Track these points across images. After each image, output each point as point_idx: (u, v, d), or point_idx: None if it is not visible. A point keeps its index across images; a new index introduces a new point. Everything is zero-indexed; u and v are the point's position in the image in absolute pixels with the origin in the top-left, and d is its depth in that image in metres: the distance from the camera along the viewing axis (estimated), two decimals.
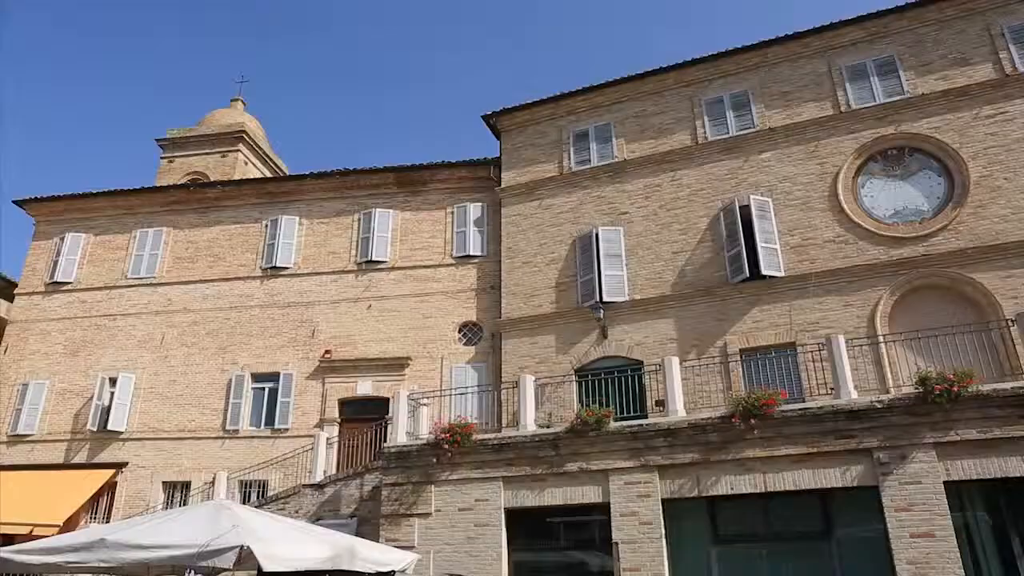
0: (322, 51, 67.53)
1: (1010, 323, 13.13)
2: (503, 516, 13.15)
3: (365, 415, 18.36)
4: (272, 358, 20.12)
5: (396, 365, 19.15)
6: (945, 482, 10.89)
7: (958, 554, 10.44)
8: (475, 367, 18.79)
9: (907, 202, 16.31)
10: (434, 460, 13.75)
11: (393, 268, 20.48)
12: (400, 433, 14.56)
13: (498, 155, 20.74)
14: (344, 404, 19.26)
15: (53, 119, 65.88)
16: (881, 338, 14.70)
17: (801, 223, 16.72)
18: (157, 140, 29.10)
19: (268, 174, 29.56)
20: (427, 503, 13.60)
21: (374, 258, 20.54)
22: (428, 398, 16.18)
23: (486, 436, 13.98)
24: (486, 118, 20.73)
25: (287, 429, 19.10)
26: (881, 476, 11.19)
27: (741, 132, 18.10)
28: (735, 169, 17.80)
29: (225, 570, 7.53)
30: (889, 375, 14.42)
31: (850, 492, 11.47)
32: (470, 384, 18.10)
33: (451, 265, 20.17)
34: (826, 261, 16.17)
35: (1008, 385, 11.33)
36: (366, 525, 14.33)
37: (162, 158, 28.91)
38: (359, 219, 21.25)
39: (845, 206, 16.48)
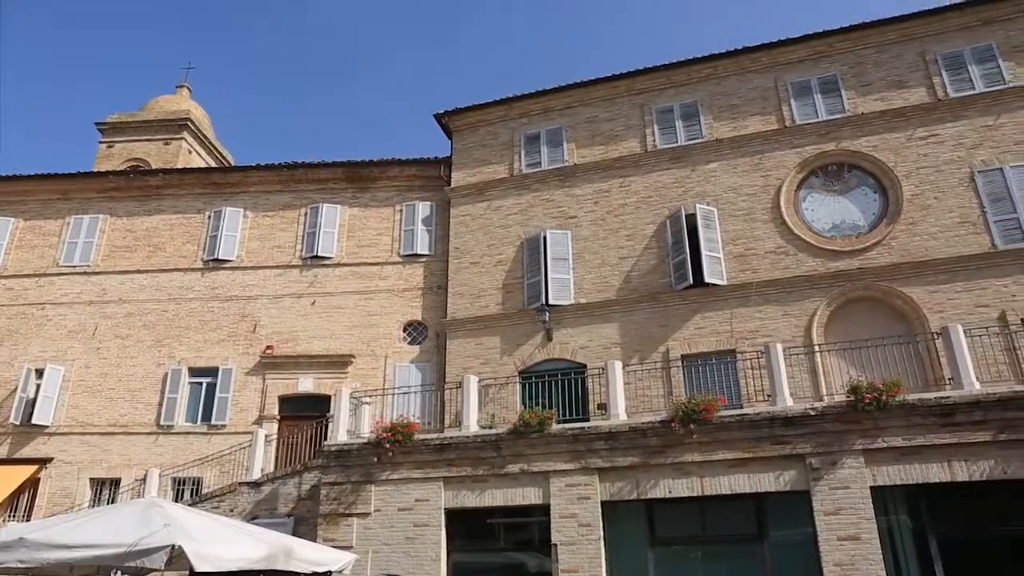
0: (274, 42, 66.31)
1: (935, 336, 13.69)
2: (443, 516, 13.11)
3: (306, 413, 18.07)
4: (211, 352, 19.62)
5: (339, 363, 18.91)
6: (872, 487, 11.33)
7: (881, 556, 10.88)
8: (419, 366, 18.69)
9: (845, 217, 16.86)
10: (375, 459, 13.63)
11: (339, 264, 20.21)
12: (341, 431, 14.38)
13: (449, 154, 20.68)
14: (284, 401, 18.92)
15: None
16: (817, 347, 15.16)
17: (744, 233, 17.13)
18: (97, 124, 28.10)
19: (213, 164, 28.85)
20: (366, 503, 13.46)
21: (320, 254, 20.24)
22: (371, 396, 16.01)
23: (428, 436, 13.91)
24: (438, 117, 20.65)
25: (224, 425, 18.66)
26: (812, 481, 11.55)
27: (689, 142, 18.45)
28: (682, 178, 18.13)
29: (155, 570, 7.32)
30: (823, 383, 14.87)
31: (783, 496, 11.81)
32: (414, 383, 18.00)
33: (398, 263, 20.01)
34: (767, 271, 16.59)
35: (932, 395, 11.83)
36: (304, 524, 14.11)
37: (101, 143, 27.93)
38: (306, 213, 20.91)
39: (787, 218, 16.94)
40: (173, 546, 6.62)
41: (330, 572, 9.03)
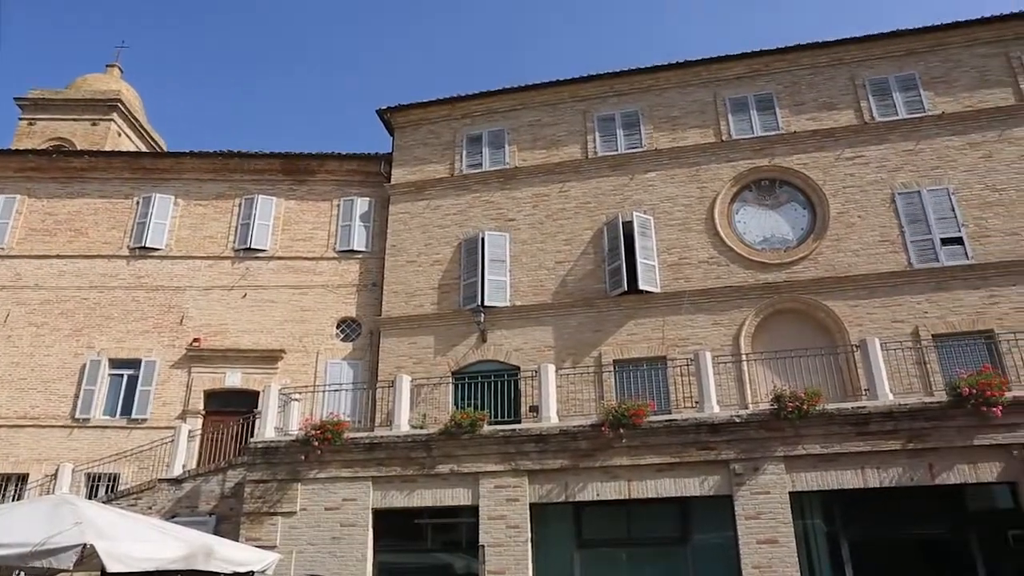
0: (213, 27, 64.38)
1: (854, 348, 14.27)
2: (371, 516, 12.97)
3: (232, 408, 17.58)
4: (134, 343, 18.91)
5: (269, 358, 18.49)
6: (791, 492, 11.75)
7: (796, 559, 11.28)
8: (351, 364, 18.44)
9: (775, 231, 17.42)
10: (302, 457, 13.38)
11: (273, 258, 19.77)
12: (268, 428, 14.07)
13: (390, 151, 20.49)
14: (210, 396, 18.37)
15: None
16: (744, 356, 15.62)
17: (679, 243, 17.51)
18: (16, 99, 26.72)
19: (144, 149, 27.81)
20: (292, 501, 13.20)
21: (253, 246, 19.75)
22: (300, 393, 15.72)
23: (358, 435, 13.74)
24: (381, 113, 20.44)
25: (145, 420, 18.00)
26: (735, 486, 11.89)
27: (629, 150, 18.76)
28: (621, 186, 18.42)
29: (64, 571, 7.00)
30: (749, 391, 15.31)
31: (707, 500, 12.12)
32: (345, 381, 17.75)
33: (334, 259, 19.70)
34: (699, 280, 17.00)
35: (849, 405, 12.35)
36: (226, 523, 13.72)
37: (22, 119, 26.58)
38: (240, 204, 20.38)
39: (720, 230, 17.39)
40: (84, 545, 6.33)
41: (252, 572, 8.82)
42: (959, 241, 16.15)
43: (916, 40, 18.23)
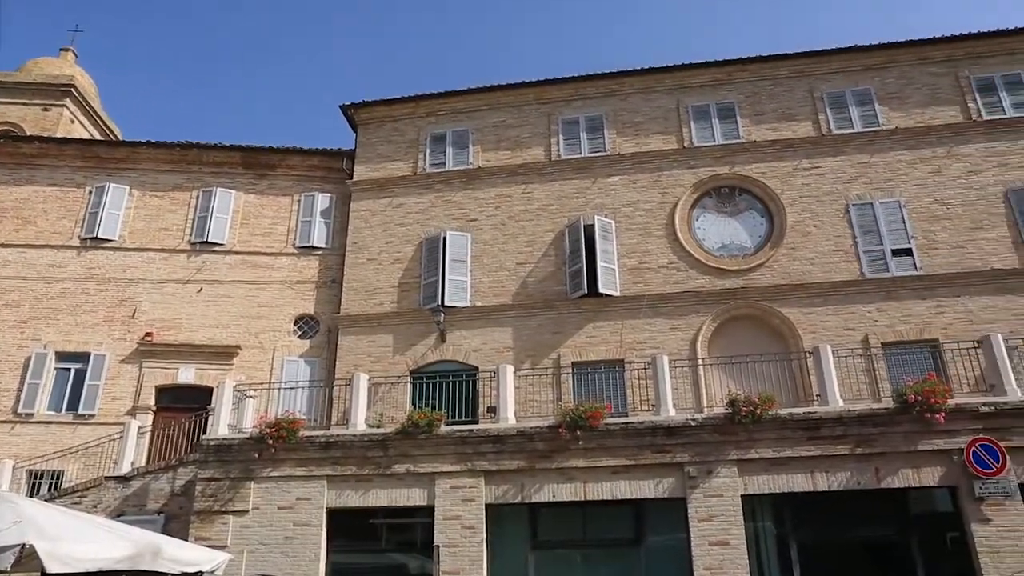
0: (175, 16, 62.99)
1: (807, 355, 14.59)
2: (325, 516, 12.84)
3: (185, 404, 17.23)
4: (83, 337, 18.40)
5: (224, 353, 18.16)
6: (742, 495, 11.96)
7: (747, 560, 11.50)
8: (308, 362, 18.22)
9: (734, 237, 17.71)
10: (256, 455, 13.17)
11: (230, 252, 19.42)
12: (222, 425, 13.83)
13: (353, 147, 20.30)
14: (162, 391, 17.97)
15: None
16: (700, 361, 15.84)
17: (639, 247, 17.68)
18: None
19: (98, 136, 27.04)
20: (245, 500, 12.99)
21: (211, 239, 19.38)
22: (255, 390, 15.49)
23: (314, 433, 13.59)
24: (344, 108, 20.25)
25: (93, 415, 17.51)
26: (689, 489, 12.07)
27: (593, 154, 18.89)
28: (584, 189, 18.54)
29: (1, 571, 6.76)
30: (705, 395, 15.52)
31: (661, 503, 12.27)
32: (302, 379, 17.54)
33: (293, 255, 19.44)
34: (659, 285, 17.19)
35: (801, 410, 12.64)
36: (175, 522, 13.44)
37: None
38: (198, 196, 19.98)
39: (680, 235, 17.62)
40: (23, 545, 6.11)
41: (201, 572, 8.64)
42: (908, 252, 16.62)
43: (872, 56, 18.73)
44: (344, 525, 12.87)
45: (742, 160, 18.24)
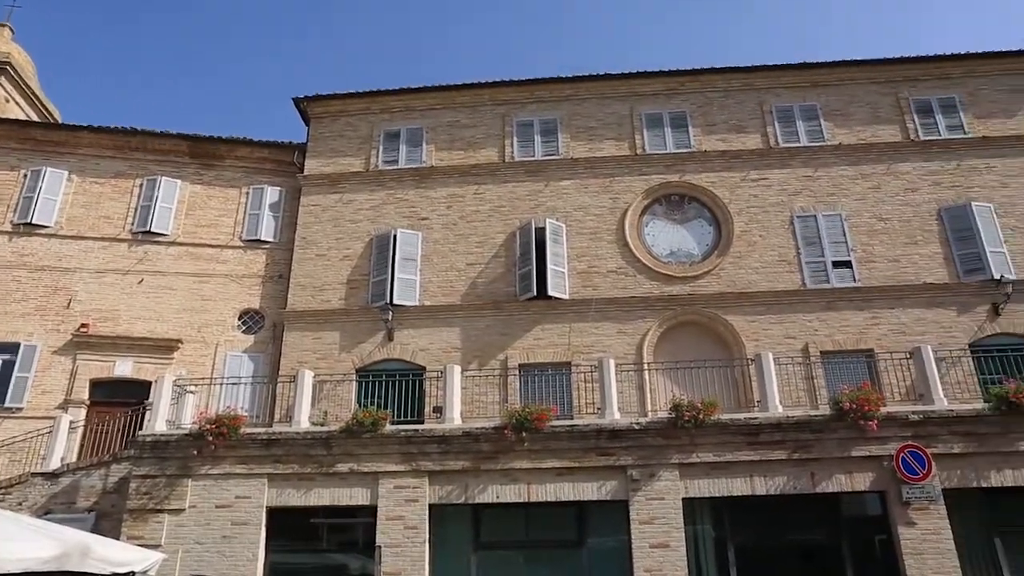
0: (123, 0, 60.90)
1: (749, 362, 14.93)
2: (265, 515, 12.63)
3: (121, 399, 16.68)
4: (12, 326, 17.66)
5: (164, 347, 17.65)
6: (683, 498, 12.21)
7: (686, 562, 11.75)
8: (252, 357, 17.86)
9: (682, 245, 18.02)
10: (195, 452, 12.88)
11: (174, 243, 18.89)
12: (160, 421, 13.46)
13: (305, 141, 20.00)
14: (97, 385, 17.36)
15: None
16: (646, 365, 16.07)
17: (589, 251, 17.84)
18: None
19: (35, 118, 26.00)
20: (181, 498, 12.68)
21: (154, 229, 18.81)
22: (196, 385, 15.10)
23: (256, 430, 13.35)
24: (297, 101, 19.93)
25: (21, 408, 16.80)
26: (631, 492, 12.25)
27: (546, 157, 19.00)
28: (536, 191, 18.63)
29: None
30: (649, 400, 15.74)
31: (604, 505, 12.43)
32: (245, 374, 17.17)
33: (239, 248, 19.02)
34: (607, 289, 17.37)
35: (742, 416, 12.95)
36: (106, 521, 13.01)
37: None
38: (141, 185, 19.39)
39: (630, 241, 17.84)
40: None
41: (133, 573, 8.38)
42: (848, 265, 17.16)
43: (820, 73, 19.31)
44: (284, 524, 12.67)
45: (692, 169, 18.58)
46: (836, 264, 17.19)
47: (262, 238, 19.11)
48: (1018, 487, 11.98)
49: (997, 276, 16.20)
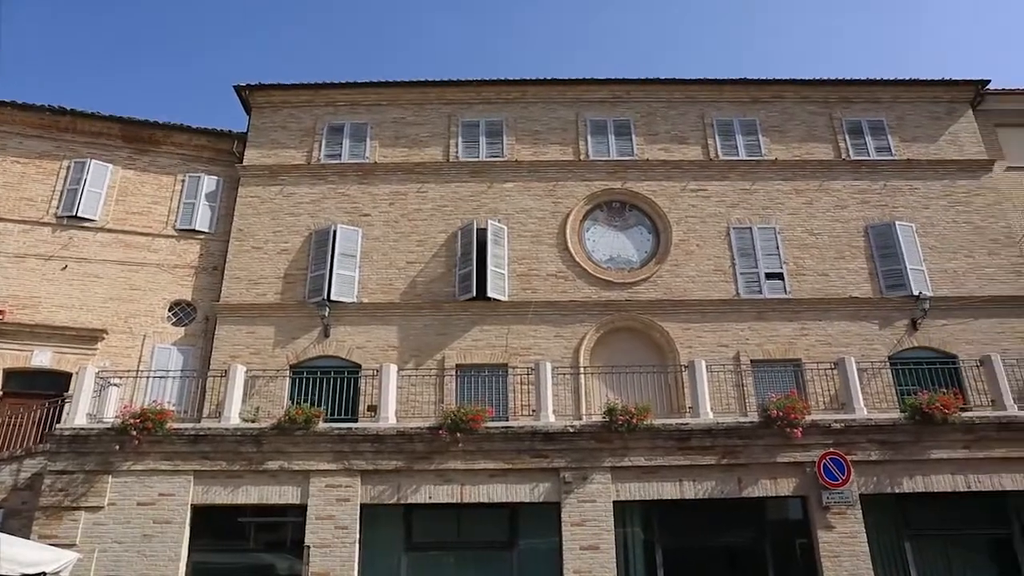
0: None
1: (683, 368, 15.26)
2: (189, 513, 12.29)
3: (38, 390, 15.94)
4: None
5: (87, 337, 16.96)
6: (615, 501, 12.41)
7: (615, 564, 11.94)
8: (182, 350, 17.33)
9: (621, 251, 18.28)
10: (117, 447, 12.43)
11: (102, 230, 18.17)
12: (80, 414, 12.94)
13: (245, 131, 19.54)
14: (12, 375, 16.53)
15: None
16: (582, 369, 16.24)
17: (530, 254, 17.94)
18: None
19: None
20: (100, 495, 12.21)
21: (81, 214, 18.07)
22: (121, 378, 14.57)
23: (183, 425, 12.96)
24: (239, 89, 19.46)
25: None
26: (564, 494, 12.39)
27: (491, 158, 19.04)
28: (479, 192, 18.63)
29: None
30: (584, 403, 15.90)
31: (536, 507, 12.52)
32: (174, 368, 16.65)
33: (172, 237, 18.44)
34: (546, 293, 17.49)
35: (673, 421, 13.23)
36: (16, 519, 12.41)
37: None
38: (68, 167, 18.59)
39: (570, 246, 18.01)
40: None
41: (44, 574, 8.05)
42: (780, 276, 17.71)
43: (760, 90, 19.90)
44: (210, 523, 12.37)
45: (634, 177, 18.88)
46: (769, 276, 17.71)
47: (197, 228, 18.57)
48: (928, 493, 12.62)
49: (916, 292, 16.97)
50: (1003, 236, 18.26)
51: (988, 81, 19.71)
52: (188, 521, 12.24)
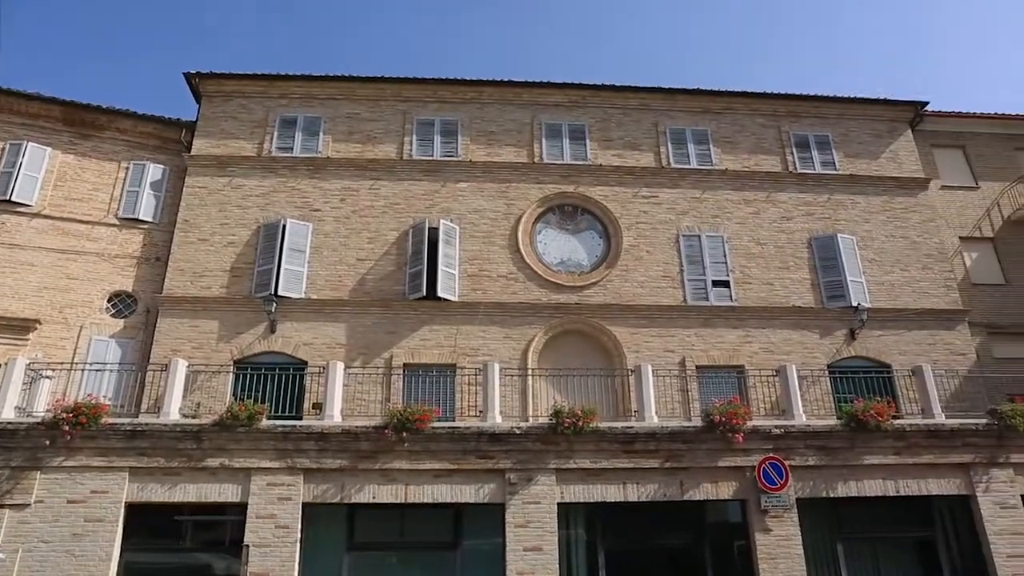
0: None
1: (630, 372, 15.45)
2: (123, 511, 11.91)
3: None
4: None
5: (18, 327, 16.27)
6: (559, 503, 12.48)
7: (558, 566, 12.02)
8: (121, 343, 16.80)
9: (572, 254, 18.42)
10: (47, 443, 11.97)
11: (39, 215, 17.48)
12: (7, 407, 12.42)
13: (195, 119, 19.05)
14: None
15: None
16: (530, 371, 16.30)
17: (481, 255, 17.93)
18: None
19: None
20: (27, 492, 11.74)
21: (15, 199, 17.33)
22: (54, 370, 14.07)
23: (119, 420, 12.54)
24: (189, 76, 18.97)
25: None
26: (509, 495, 12.41)
27: (445, 158, 18.97)
28: (432, 191, 18.55)
29: None
30: (531, 405, 15.95)
31: (480, 507, 12.52)
32: (112, 360, 16.12)
33: (114, 226, 17.85)
34: (496, 294, 17.51)
35: (619, 424, 13.38)
36: None
37: None
38: (3, 149, 17.85)
39: (522, 248, 18.06)
40: None
41: None
42: (726, 284, 18.08)
43: (713, 101, 20.28)
44: (144, 521, 12.02)
45: (587, 181, 19.04)
46: (715, 283, 18.06)
47: (140, 217, 18.02)
48: (860, 497, 13.05)
49: (855, 304, 17.53)
50: (936, 252, 19.01)
51: (927, 103, 20.52)
52: (122, 519, 11.86)
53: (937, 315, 18.06)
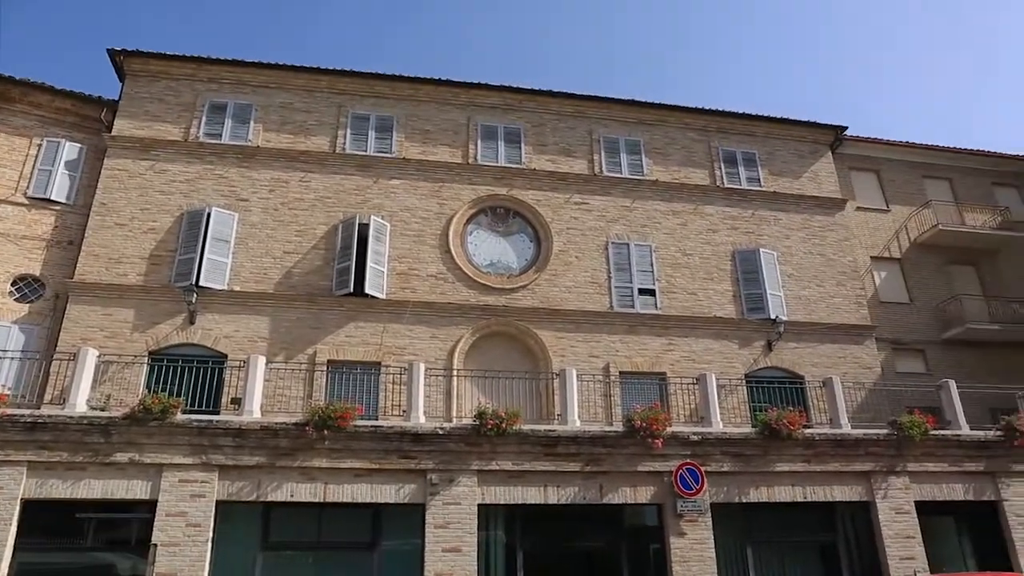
0: None
1: (554, 376, 15.61)
2: (18, 508, 11.29)
3: None
4: None
5: None
6: (479, 504, 12.50)
7: (476, 567, 12.04)
8: (25, 329, 15.92)
9: (502, 257, 18.48)
10: None
11: None
12: None
13: (117, 98, 18.25)
14: None
15: None
16: (455, 372, 16.27)
17: (411, 253, 17.80)
18: None
19: None
20: None
21: None
22: None
23: (17, 411, 11.87)
24: (113, 53, 18.15)
25: None
26: (429, 496, 12.37)
27: (378, 154, 18.74)
28: (364, 187, 18.30)
29: None
30: (455, 406, 15.92)
31: (400, 508, 12.43)
32: (14, 347, 15.27)
33: (22, 205, 16.91)
34: (425, 293, 17.41)
35: (542, 427, 13.51)
36: None
37: None
38: None
39: (452, 248, 18.01)
40: None
41: None
42: (652, 293, 18.48)
43: (646, 112, 20.70)
44: (43, 519, 11.42)
45: (520, 185, 19.15)
46: (642, 291, 18.44)
47: (52, 198, 17.13)
48: (770, 503, 13.57)
49: (773, 316, 18.20)
50: (850, 270, 19.94)
51: (846, 128, 21.52)
52: (16, 517, 11.24)
53: (848, 330, 18.94)
